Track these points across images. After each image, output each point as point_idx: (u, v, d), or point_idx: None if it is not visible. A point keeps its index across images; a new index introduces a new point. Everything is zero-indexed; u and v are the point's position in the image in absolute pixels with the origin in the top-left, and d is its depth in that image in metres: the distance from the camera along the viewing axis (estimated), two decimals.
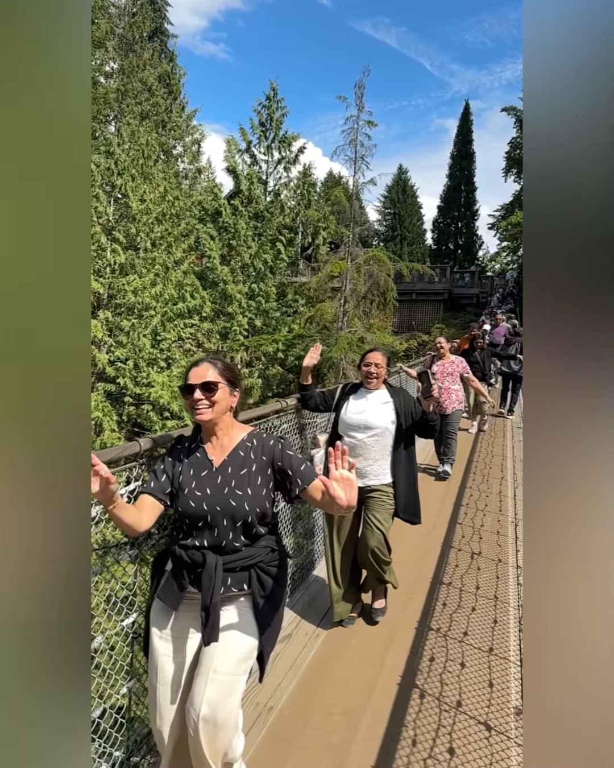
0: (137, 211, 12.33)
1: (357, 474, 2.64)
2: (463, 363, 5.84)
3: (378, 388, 2.87)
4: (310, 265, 20.24)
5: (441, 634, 2.88)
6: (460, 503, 4.98)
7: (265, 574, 1.72)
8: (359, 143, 14.38)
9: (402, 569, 3.56)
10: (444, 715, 2.30)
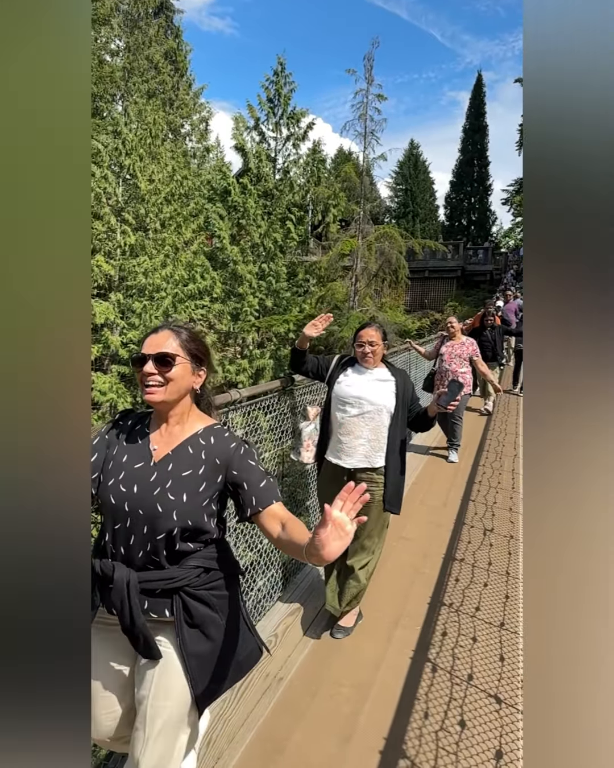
0: (146, 192, 12.24)
1: (347, 454, 2.57)
2: (473, 345, 5.58)
3: (377, 366, 2.65)
4: (321, 244, 20.06)
5: (453, 609, 2.90)
6: (473, 480, 4.97)
7: (196, 601, 1.37)
8: (369, 118, 14.08)
9: (410, 545, 3.58)
10: (455, 688, 2.33)
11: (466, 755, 1.99)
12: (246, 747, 1.98)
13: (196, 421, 1.47)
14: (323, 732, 2.07)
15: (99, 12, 17.47)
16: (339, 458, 2.60)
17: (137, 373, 1.36)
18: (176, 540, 1.32)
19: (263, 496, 1.35)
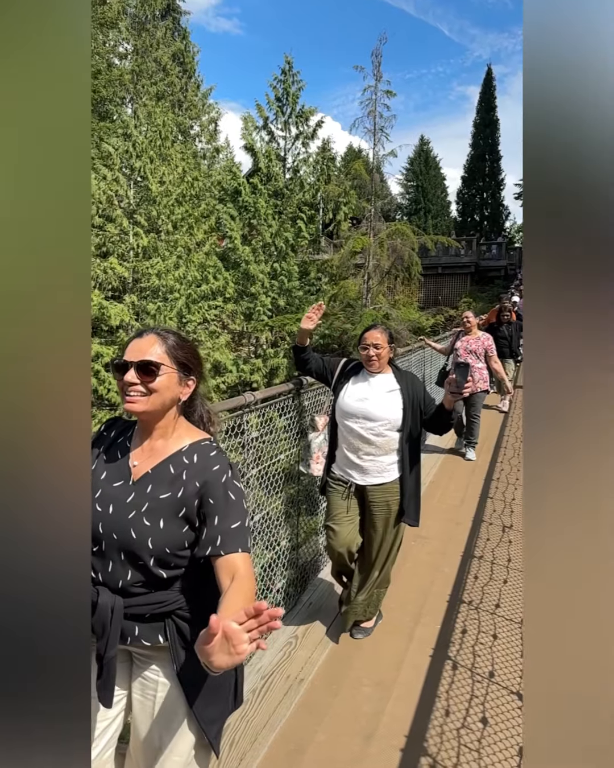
0: (157, 194, 12.31)
1: (357, 471, 2.44)
2: (489, 340, 5.48)
3: (382, 371, 2.48)
4: (332, 242, 20.03)
5: (473, 606, 2.88)
6: (491, 477, 4.93)
7: (190, 624, 1.23)
8: (378, 114, 14.01)
9: (428, 543, 3.56)
10: (476, 685, 2.31)
11: (489, 752, 1.97)
12: (268, 748, 1.98)
13: (183, 436, 1.31)
14: (345, 731, 2.07)
15: (106, 15, 17.61)
16: (350, 475, 2.49)
17: (118, 381, 1.22)
18: (156, 568, 1.18)
19: (230, 541, 1.15)
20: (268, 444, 2.71)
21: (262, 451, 2.63)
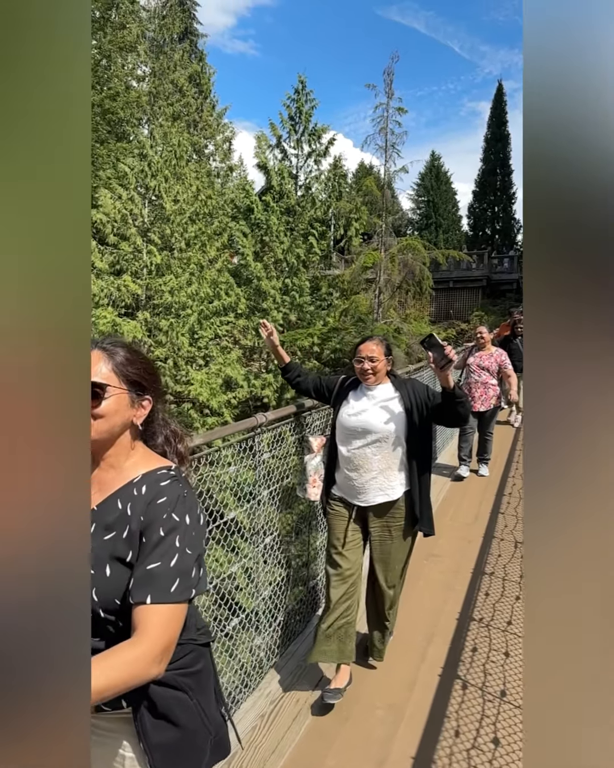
0: (171, 212, 12.51)
1: (358, 491, 2.31)
2: (503, 356, 5.35)
3: (380, 384, 2.37)
4: (343, 258, 20.16)
5: (483, 624, 2.85)
6: (502, 493, 4.89)
7: (158, 684, 1.04)
8: (389, 131, 14.17)
9: (441, 562, 3.53)
10: (487, 705, 2.28)
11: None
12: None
13: (138, 465, 1.11)
14: (356, 757, 2.04)
15: (126, 40, 18.07)
16: (352, 496, 2.36)
17: None
18: (107, 623, 1.00)
19: (139, 587, 0.95)
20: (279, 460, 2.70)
21: (273, 470, 2.62)
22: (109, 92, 16.40)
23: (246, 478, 2.46)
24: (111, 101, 16.31)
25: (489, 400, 5.26)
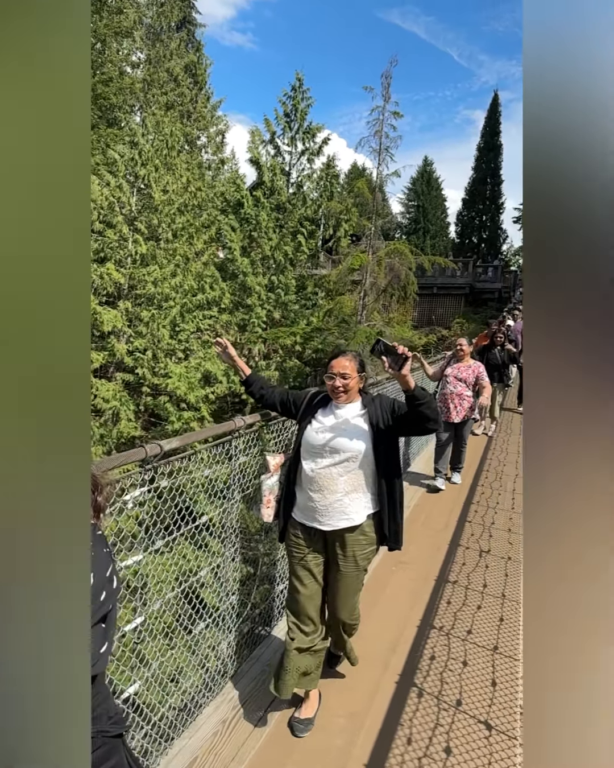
0: (159, 202, 12.37)
1: (321, 514, 2.14)
2: (480, 368, 5.36)
3: (351, 402, 2.22)
4: (331, 258, 20.16)
5: (443, 632, 2.87)
6: (471, 501, 4.94)
7: None
8: (384, 135, 14.18)
9: (410, 569, 3.55)
10: (442, 714, 2.29)
11: None
12: None
13: None
14: (315, 764, 2.04)
15: (122, 25, 17.80)
16: (313, 519, 2.18)
17: None
18: None
19: None
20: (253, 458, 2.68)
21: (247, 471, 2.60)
22: (102, 77, 16.13)
23: (219, 476, 2.44)
24: (104, 86, 16.05)
25: (464, 412, 5.28)
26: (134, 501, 1.82)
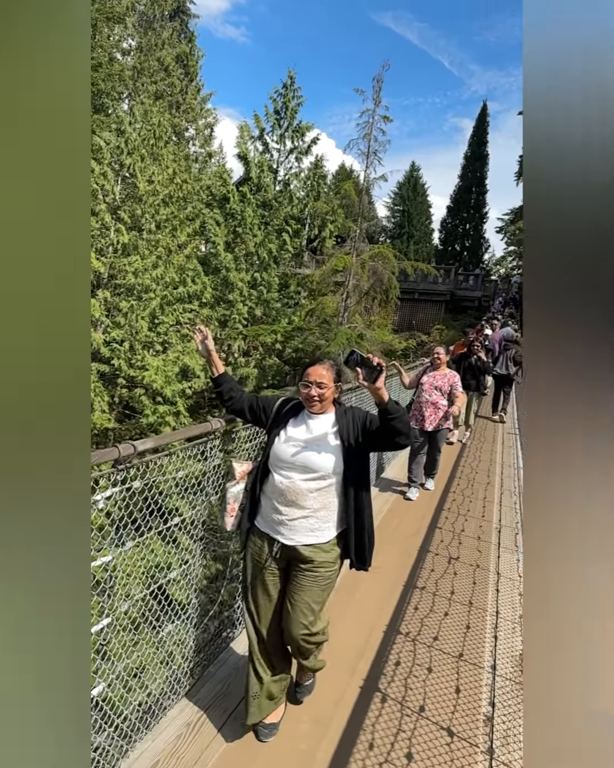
0: (144, 192, 12.20)
1: (287, 528, 2.06)
2: (455, 377, 5.38)
3: (324, 412, 2.14)
4: (315, 258, 20.18)
5: (409, 638, 2.88)
6: (442, 507, 4.98)
7: None
8: (373, 138, 14.23)
9: (381, 574, 3.56)
10: (405, 719, 2.30)
11: None
12: None
13: None
14: None
15: (115, 10, 17.50)
16: (277, 532, 2.10)
17: None
18: None
19: None
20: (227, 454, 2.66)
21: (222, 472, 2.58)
22: (91, 62, 15.82)
23: (193, 473, 2.41)
24: (92, 71, 15.75)
25: (439, 420, 5.29)
26: (105, 502, 1.79)
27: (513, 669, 2.67)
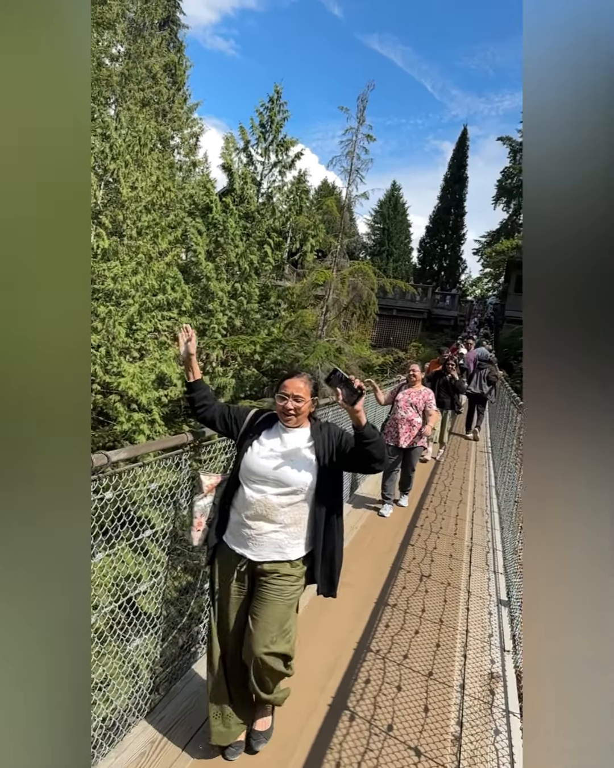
0: (127, 198, 12.15)
1: (254, 542, 2.00)
2: (430, 394, 5.42)
3: (300, 426, 2.10)
4: (296, 271, 20.31)
5: (380, 656, 2.88)
6: (415, 524, 5.01)
7: None
8: (356, 156, 14.47)
9: (353, 591, 3.55)
10: (373, 738, 2.29)
11: None
12: None
13: None
14: None
15: (105, 16, 17.52)
16: (244, 546, 2.03)
17: None
18: None
19: None
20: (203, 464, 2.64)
21: None
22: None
23: (167, 484, 2.38)
24: None
25: (413, 438, 5.30)
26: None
27: (482, 688, 2.68)
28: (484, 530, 5.03)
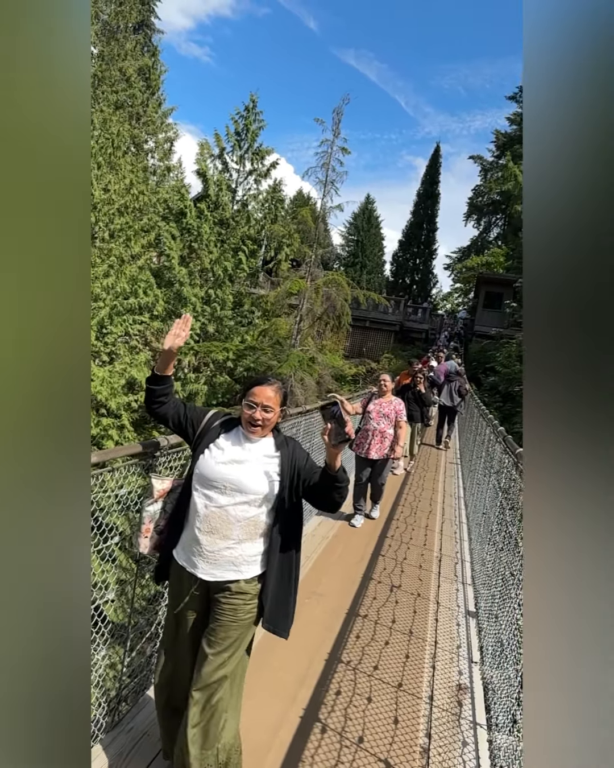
0: (99, 200, 11.99)
1: (206, 560, 1.81)
2: (400, 405, 5.38)
3: (263, 436, 1.93)
4: (270, 279, 20.35)
5: (351, 667, 2.85)
6: (386, 534, 5.02)
7: None
8: (331, 168, 14.65)
9: (323, 601, 3.52)
10: (344, 750, 2.26)
11: None
12: None
13: None
14: None
15: None
16: (194, 565, 1.83)
17: None
18: None
19: None
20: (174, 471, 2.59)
21: None
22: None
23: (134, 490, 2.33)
24: None
25: (384, 450, 5.24)
26: None
27: (450, 700, 2.69)
28: (453, 541, 5.07)
